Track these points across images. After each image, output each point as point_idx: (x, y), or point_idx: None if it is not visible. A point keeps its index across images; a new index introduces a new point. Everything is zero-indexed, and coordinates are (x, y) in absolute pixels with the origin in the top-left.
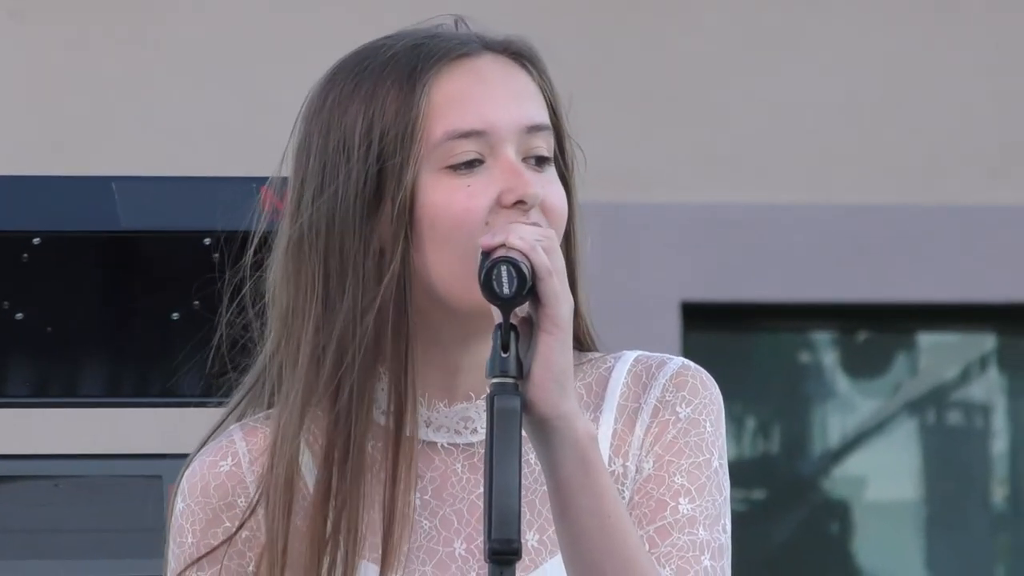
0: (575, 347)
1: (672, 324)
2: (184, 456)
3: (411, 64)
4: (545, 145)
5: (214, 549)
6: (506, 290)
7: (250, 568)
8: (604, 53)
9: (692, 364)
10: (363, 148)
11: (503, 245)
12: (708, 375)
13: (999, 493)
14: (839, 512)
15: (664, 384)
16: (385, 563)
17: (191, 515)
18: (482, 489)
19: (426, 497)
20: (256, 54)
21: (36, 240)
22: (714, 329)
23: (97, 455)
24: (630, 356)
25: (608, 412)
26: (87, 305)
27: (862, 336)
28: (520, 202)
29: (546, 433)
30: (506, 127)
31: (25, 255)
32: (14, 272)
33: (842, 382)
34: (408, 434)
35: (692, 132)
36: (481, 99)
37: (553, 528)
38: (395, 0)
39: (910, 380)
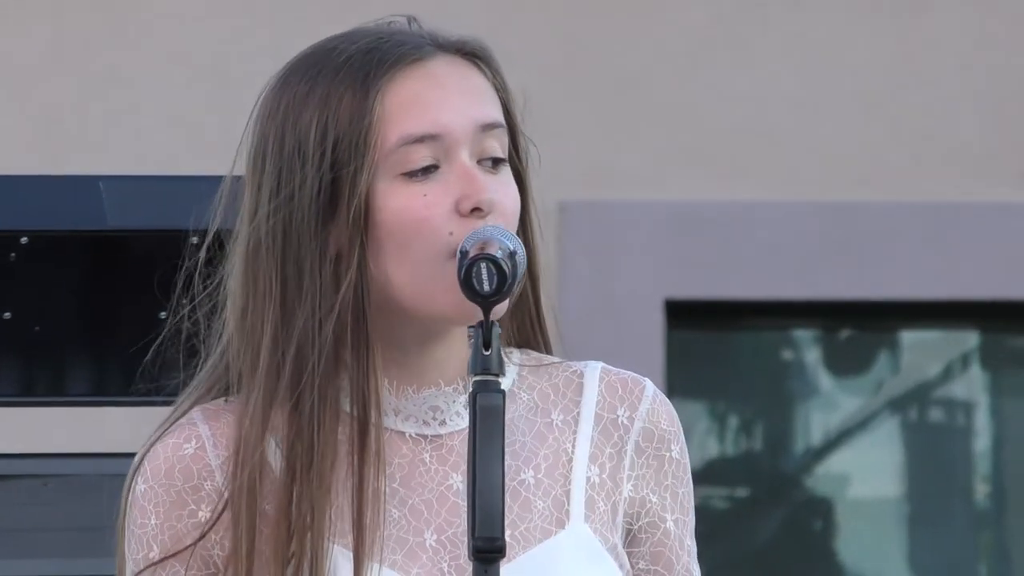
0: (535, 349)
1: (655, 322)
2: None
3: (365, 69)
4: (499, 145)
5: (187, 548)
6: (487, 287)
7: (215, 551)
8: (584, 50)
9: (658, 390)
10: (317, 155)
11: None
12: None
13: (981, 490)
14: (822, 510)
15: (650, 408)
16: (358, 544)
17: (154, 496)
18: (451, 481)
19: (394, 485)
20: (243, 52)
21: (23, 239)
22: (697, 327)
23: (85, 454)
24: (596, 365)
25: (586, 420)
26: (74, 304)
27: (845, 334)
28: (477, 209)
29: None
30: (460, 129)
31: (12, 254)
32: (1, 271)
33: (825, 380)
34: (373, 423)
35: (674, 129)
36: (434, 102)
37: (525, 524)
38: (382, 4)
39: (893, 378)
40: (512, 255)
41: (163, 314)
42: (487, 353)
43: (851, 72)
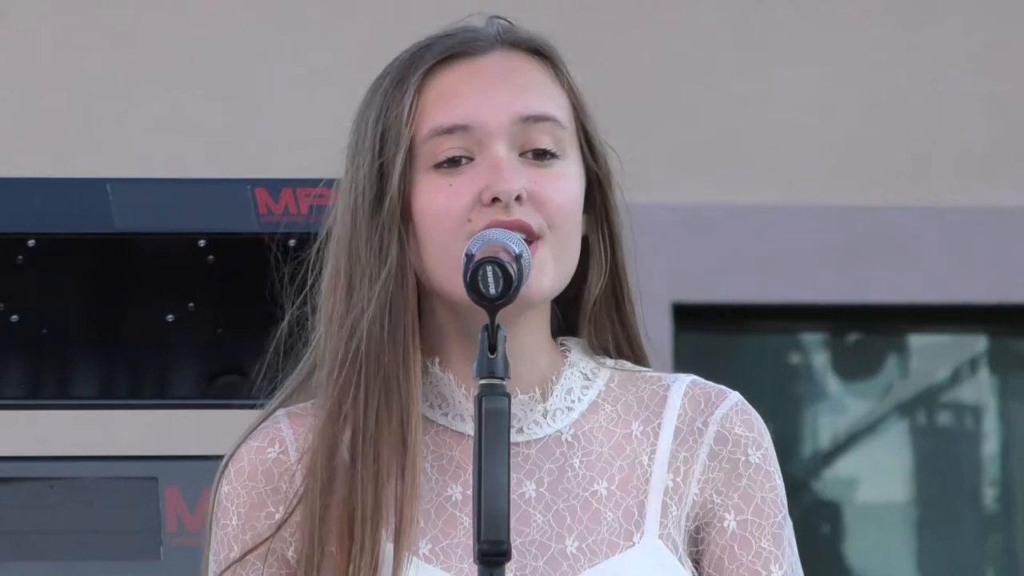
0: (632, 360)
1: (663, 325)
2: (178, 458)
3: (413, 64)
4: (550, 138)
5: (262, 542)
6: (492, 290)
7: (290, 551)
8: (592, 54)
9: (745, 400)
10: (371, 148)
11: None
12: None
13: (990, 494)
14: (830, 513)
15: (726, 414)
16: (397, 537)
17: (236, 498)
18: (524, 489)
19: (468, 492)
20: (250, 55)
21: (31, 242)
22: (705, 330)
23: (92, 457)
24: (685, 379)
25: (667, 431)
26: (82, 307)
27: (853, 337)
28: (496, 199)
29: None
30: (493, 121)
31: (20, 257)
32: (9, 274)
33: (833, 383)
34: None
35: (681, 133)
36: (468, 95)
37: (593, 537)
38: (391, 6)
39: (901, 381)
40: (518, 258)
41: (170, 316)
42: (493, 356)
43: (859, 75)
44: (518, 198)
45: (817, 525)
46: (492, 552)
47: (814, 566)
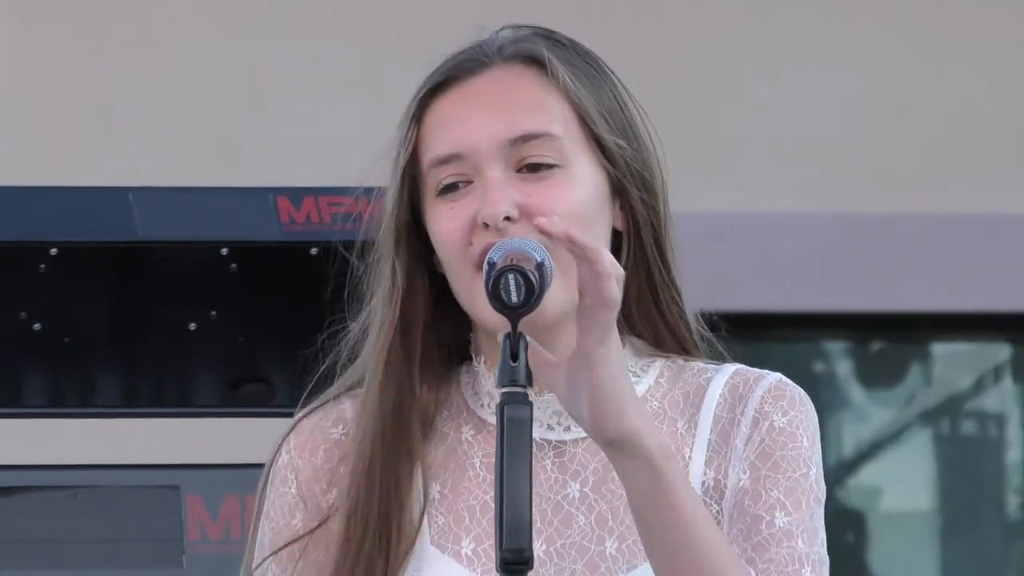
0: (681, 353)
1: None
2: (201, 466)
3: (416, 95)
4: (546, 151)
5: (317, 526)
6: (514, 299)
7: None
8: (609, 61)
9: (790, 381)
10: (394, 172)
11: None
12: (805, 393)
13: (1013, 502)
14: (854, 521)
15: (762, 396)
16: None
17: (296, 469)
18: (568, 490)
19: None
20: (273, 64)
21: (53, 251)
22: (728, 339)
23: (114, 465)
24: (730, 368)
25: (704, 422)
26: (104, 315)
27: (876, 346)
28: (487, 225)
29: (612, 451)
30: (483, 147)
31: (42, 266)
32: (31, 283)
33: (856, 392)
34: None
35: (703, 141)
36: (459, 123)
37: (633, 538)
38: (411, 13)
39: (924, 390)
40: (540, 266)
41: (192, 325)
42: (515, 364)
43: (880, 83)
44: (508, 218)
45: (841, 533)
46: (514, 561)
47: (838, 574)
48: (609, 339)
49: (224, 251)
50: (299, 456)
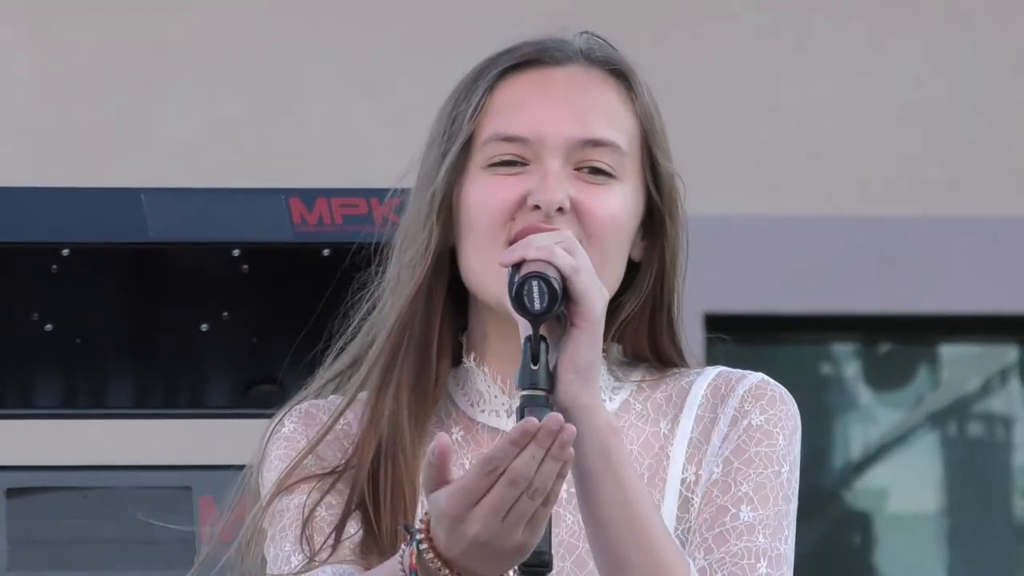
0: (668, 359)
1: (695, 335)
2: (213, 468)
3: (489, 67)
4: (610, 160)
5: (334, 470)
6: (537, 306)
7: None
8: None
9: (772, 380)
10: (438, 146)
11: (524, 260)
12: (787, 392)
13: (1020, 505)
14: (861, 524)
15: (743, 395)
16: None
17: (301, 435)
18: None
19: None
20: (285, 66)
21: (65, 251)
22: (736, 340)
23: (126, 466)
24: (712, 371)
25: (686, 421)
26: (116, 316)
27: (884, 348)
28: (537, 207)
29: (568, 423)
30: (552, 138)
31: (54, 266)
32: (43, 283)
33: (864, 394)
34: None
35: (713, 143)
36: (534, 108)
37: (575, 554)
38: (424, 16)
39: (932, 392)
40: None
41: (204, 326)
42: (535, 368)
43: (892, 85)
44: (560, 209)
45: (848, 535)
46: (534, 563)
47: (845, 575)
48: (599, 318)
49: (236, 252)
50: (303, 424)
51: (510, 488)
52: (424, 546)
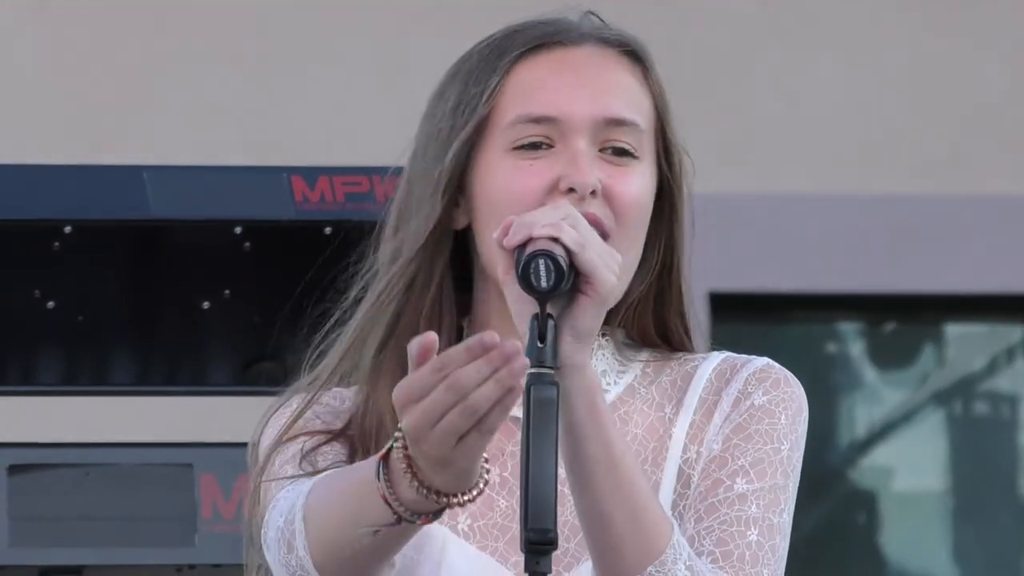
0: (676, 343)
1: (699, 314)
2: (214, 445)
3: (503, 48)
4: (631, 140)
5: (337, 431)
6: (544, 283)
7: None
8: None
9: (777, 364)
10: (445, 124)
11: (531, 239)
12: (793, 376)
13: None
14: (866, 503)
15: (747, 378)
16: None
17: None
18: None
19: (505, 474)
20: (287, 43)
21: (67, 229)
22: (741, 320)
23: (127, 443)
24: (718, 356)
25: (689, 404)
26: (118, 294)
27: (889, 327)
28: (572, 190)
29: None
30: (579, 118)
31: (56, 244)
32: (45, 261)
33: (869, 373)
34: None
35: (717, 121)
36: (558, 88)
37: (579, 536)
38: None
39: (937, 371)
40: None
41: (206, 304)
42: (542, 346)
43: (896, 63)
44: (592, 192)
45: (853, 514)
46: (539, 541)
47: (850, 555)
48: (607, 290)
49: (238, 230)
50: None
51: (446, 392)
52: (399, 444)
